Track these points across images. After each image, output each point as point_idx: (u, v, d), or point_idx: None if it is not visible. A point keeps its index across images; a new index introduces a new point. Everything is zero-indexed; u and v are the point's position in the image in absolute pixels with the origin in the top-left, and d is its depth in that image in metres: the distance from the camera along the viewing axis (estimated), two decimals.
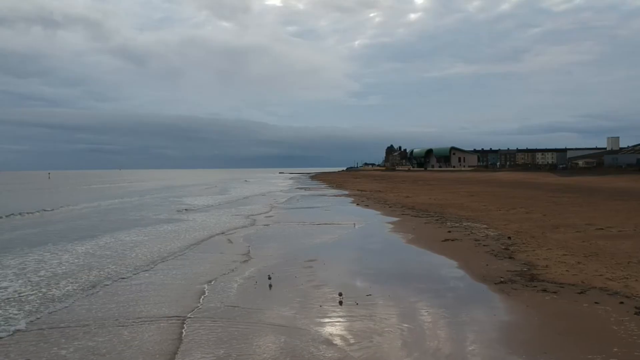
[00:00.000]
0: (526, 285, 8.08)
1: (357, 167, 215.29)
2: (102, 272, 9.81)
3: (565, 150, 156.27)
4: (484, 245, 12.06)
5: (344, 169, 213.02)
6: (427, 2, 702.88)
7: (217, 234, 15.57)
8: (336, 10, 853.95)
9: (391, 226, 16.87)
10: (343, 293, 7.81)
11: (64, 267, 10.32)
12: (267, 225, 18.14)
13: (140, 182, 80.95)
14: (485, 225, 15.96)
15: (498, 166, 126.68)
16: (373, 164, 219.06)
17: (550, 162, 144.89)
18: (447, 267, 9.93)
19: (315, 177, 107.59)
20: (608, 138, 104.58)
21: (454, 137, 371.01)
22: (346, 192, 40.32)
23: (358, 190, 43.25)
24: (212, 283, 8.85)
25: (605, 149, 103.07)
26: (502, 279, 8.54)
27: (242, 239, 14.48)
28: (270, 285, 8.63)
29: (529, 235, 13.49)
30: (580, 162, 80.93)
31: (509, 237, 13.09)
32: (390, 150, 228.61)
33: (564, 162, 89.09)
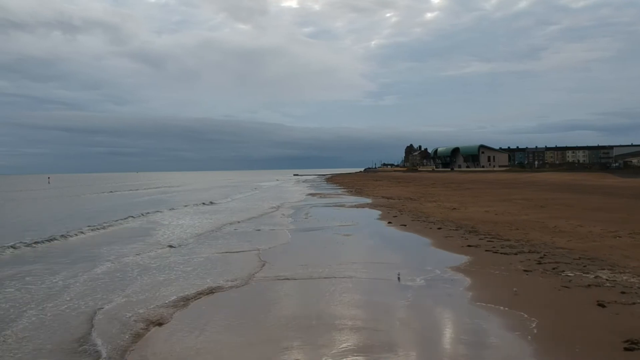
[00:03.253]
0: None
1: (375, 167, 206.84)
2: None
3: (598, 147, 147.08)
4: None
5: (362, 169, 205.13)
6: (444, 1, 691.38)
7: (149, 315, 8.21)
8: (352, 10, 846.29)
9: (467, 282, 9.25)
10: None
11: None
12: (237, 285, 10.66)
13: (143, 188, 74.23)
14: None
15: (536, 165, 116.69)
16: (392, 165, 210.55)
17: (581, 161, 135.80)
18: None
19: (331, 179, 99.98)
20: None
21: (472, 136, 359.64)
22: (369, 201, 32.60)
23: (383, 197, 35.52)
24: None
25: None
26: None
27: (179, 332, 7.11)
28: None
29: None
30: (634, 161, 71.90)
31: None
32: (410, 149, 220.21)
33: (597, 159, 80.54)
